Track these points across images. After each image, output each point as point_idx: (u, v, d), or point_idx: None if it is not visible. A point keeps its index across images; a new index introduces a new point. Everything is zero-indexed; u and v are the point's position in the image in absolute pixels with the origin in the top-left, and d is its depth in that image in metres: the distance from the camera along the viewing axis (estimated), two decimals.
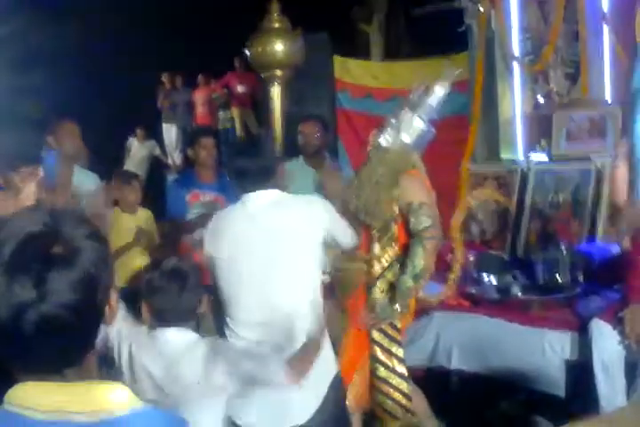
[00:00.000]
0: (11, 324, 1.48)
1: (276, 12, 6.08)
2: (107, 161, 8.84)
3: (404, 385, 4.31)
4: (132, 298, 3.29)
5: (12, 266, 1.49)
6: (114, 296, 1.65)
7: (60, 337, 1.51)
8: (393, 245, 4.35)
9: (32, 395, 1.54)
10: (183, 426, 1.72)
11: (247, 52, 6.25)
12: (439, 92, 4.44)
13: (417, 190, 4.34)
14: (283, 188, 3.72)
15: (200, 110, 15.31)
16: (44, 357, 1.54)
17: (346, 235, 3.85)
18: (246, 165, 3.63)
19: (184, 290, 3.09)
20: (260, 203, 3.57)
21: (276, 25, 6.06)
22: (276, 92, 5.97)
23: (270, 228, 3.48)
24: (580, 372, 4.79)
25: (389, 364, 4.30)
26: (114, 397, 1.59)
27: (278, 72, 6.06)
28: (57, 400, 1.53)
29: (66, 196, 4.66)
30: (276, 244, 3.47)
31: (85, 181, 5.26)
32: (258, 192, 3.57)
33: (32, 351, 1.52)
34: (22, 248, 1.50)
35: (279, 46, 6.00)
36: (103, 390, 1.59)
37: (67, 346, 1.55)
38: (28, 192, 3.58)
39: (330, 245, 3.75)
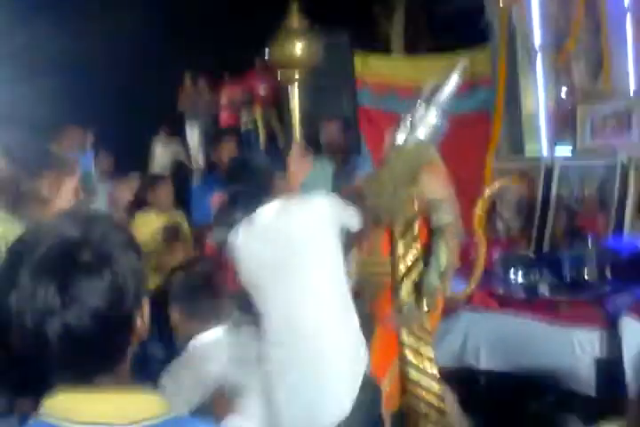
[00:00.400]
0: (35, 330, 1.48)
1: (296, 12, 6.06)
2: (130, 163, 8.83)
3: (435, 387, 4.27)
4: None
5: (39, 271, 1.48)
6: (146, 308, 1.64)
7: (84, 346, 1.50)
8: (416, 243, 4.32)
9: (68, 405, 1.53)
10: None
11: (267, 52, 6.25)
12: (450, 85, 4.40)
13: (436, 187, 4.29)
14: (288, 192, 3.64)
15: (224, 112, 15.31)
16: (72, 365, 1.53)
17: (352, 217, 3.74)
18: (237, 192, 3.56)
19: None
20: (266, 218, 3.51)
21: (295, 25, 6.04)
22: (294, 91, 5.94)
23: (281, 242, 3.42)
24: (611, 370, 4.75)
25: (420, 365, 4.26)
26: (148, 406, 1.59)
27: (297, 72, 6.04)
28: (93, 410, 1.53)
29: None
30: (291, 257, 3.41)
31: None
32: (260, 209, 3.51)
33: (59, 359, 1.52)
34: (51, 253, 1.50)
35: (298, 46, 5.97)
36: (138, 399, 1.59)
37: (92, 355, 1.54)
38: (66, 195, 3.57)
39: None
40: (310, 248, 3.38)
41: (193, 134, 15.45)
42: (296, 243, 3.34)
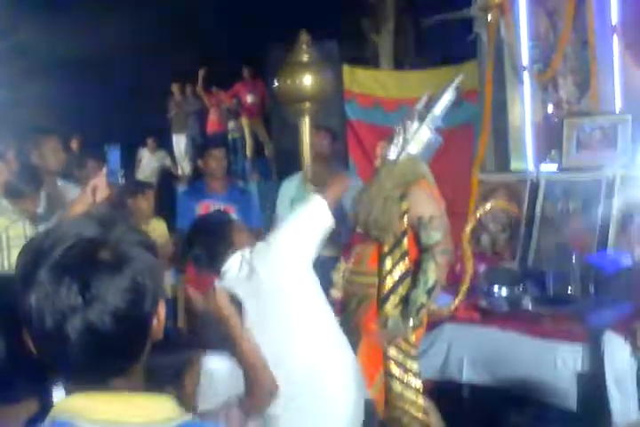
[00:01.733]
0: (56, 329, 1.46)
1: (304, 45, 6.06)
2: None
3: (420, 400, 4.27)
4: None
5: (60, 270, 1.47)
6: (162, 309, 1.62)
7: (104, 345, 1.49)
8: (404, 259, 4.31)
9: (84, 403, 1.52)
10: None
11: (275, 85, 6.24)
12: (444, 99, 4.40)
13: (426, 203, 4.30)
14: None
15: (212, 117, 15.36)
16: (89, 365, 1.51)
17: (320, 229, 3.69)
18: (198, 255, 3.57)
19: None
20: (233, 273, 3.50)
21: (305, 58, 6.04)
22: (305, 124, 5.95)
23: (254, 294, 3.39)
24: (593, 385, 4.75)
25: (404, 379, 4.26)
26: (161, 409, 1.57)
27: (307, 105, 6.04)
28: (107, 411, 1.51)
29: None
30: (266, 306, 3.36)
31: (68, 194, 5.29)
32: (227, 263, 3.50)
33: (76, 359, 1.49)
34: (71, 252, 1.48)
35: (308, 79, 5.96)
36: (151, 401, 1.58)
37: (111, 355, 1.52)
38: (97, 184, 3.57)
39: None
40: (281, 295, 3.34)
41: (180, 142, 15.46)
42: (266, 294, 3.30)
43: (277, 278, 3.37)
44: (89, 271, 1.47)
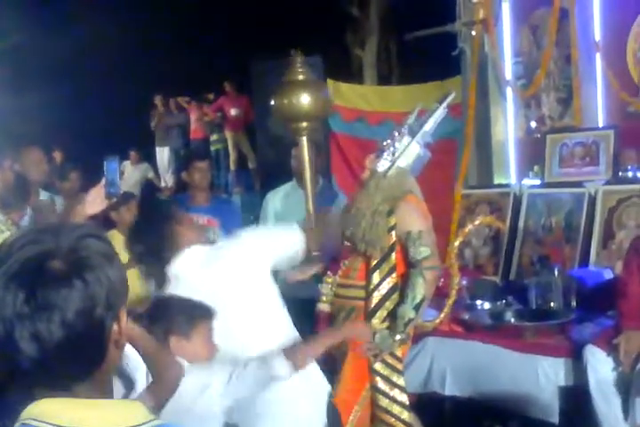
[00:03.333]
0: (6, 338, 1.47)
1: (299, 64, 6.09)
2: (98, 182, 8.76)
3: (405, 414, 4.27)
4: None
5: (9, 279, 1.47)
6: (123, 317, 1.61)
7: (54, 353, 1.48)
8: (392, 273, 4.31)
9: (51, 411, 1.51)
10: None
11: (272, 105, 6.27)
12: (436, 116, 4.43)
13: (415, 218, 4.30)
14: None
15: (194, 127, 15.38)
16: (47, 372, 1.51)
17: (289, 243, 3.64)
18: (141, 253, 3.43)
19: None
20: (185, 264, 3.37)
21: (301, 77, 6.06)
22: (304, 143, 5.97)
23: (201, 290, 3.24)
24: (575, 398, 4.77)
25: (390, 393, 4.26)
26: (131, 413, 1.57)
27: (305, 124, 6.06)
28: (77, 416, 1.51)
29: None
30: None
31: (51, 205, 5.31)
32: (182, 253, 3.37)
33: (29, 366, 1.50)
34: (21, 262, 1.49)
35: (305, 98, 5.98)
36: (121, 406, 1.60)
37: (64, 363, 1.51)
38: (91, 200, 3.55)
39: (288, 261, 3.62)
40: (231, 297, 3.25)
41: (163, 155, 15.46)
42: (218, 294, 3.20)
43: (231, 279, 3.28)
44: (36, 280, 1.47)
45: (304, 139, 5.97)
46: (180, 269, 3.20)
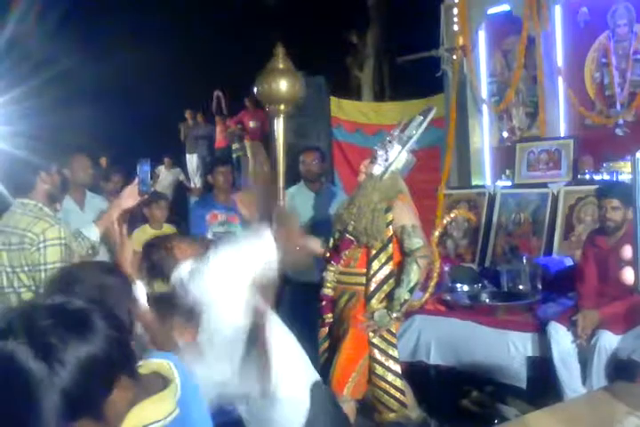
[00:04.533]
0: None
1: (280, 54, 6.07)
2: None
3: (398, 382, 4.27)
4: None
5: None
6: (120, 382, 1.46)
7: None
8: (389, 262, 4.31)
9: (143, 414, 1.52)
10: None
11: (255, 89, 6.24)
12: (422, 128, 4.42)
13: (409, 214, 4.32)
14: None
15: (219, 138, 15.43)
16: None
17: (272, 247, 3.24)
18: None
19: None
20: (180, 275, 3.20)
21: (281, 65, 6.02)
22: (280, 123, 5.93)
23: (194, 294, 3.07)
24: (540, 367, 4.76)
25: (386, 363, 4.25)
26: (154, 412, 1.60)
27: (282, 106, 5.99)
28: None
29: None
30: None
31: (96, 202, 5.33)
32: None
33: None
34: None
35: (283, 84, 5.94)
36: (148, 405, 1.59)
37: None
38: (126, 196, 3.63)
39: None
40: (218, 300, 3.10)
41: (192, 161, 15.49)
42: (208, 297, 3.05)
43: (217, 285, 3.16)
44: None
45: (281, 119, 5.97)
46: (178, 278, 3.12)
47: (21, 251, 3.43)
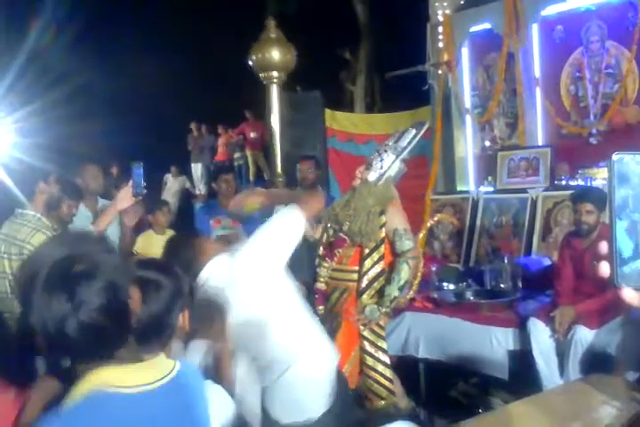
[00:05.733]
0: (56, 333, 1.50)
1: (272, 26, 6.06)
2: (148, 193, 8.75)
3: (387, 372, 4.27)
4: None
5: (47, 287, 1.51)
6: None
7: (100, 333, 1.53)
8: (381, 261, 4.32)
9: (114, 377, 1.56)
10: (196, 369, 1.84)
11: (250, 59, 6.22)
12: (414, 141, 4.43)
13: (401, 219, 4.33)
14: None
15: (220, 150, 15.45)
16: (91, 349, 1.56)
17: (293, 233, 3.19)
18: None
19: None
20: (208, 273, 3.11)
21: (273, 35, 6.03)
22: (273, 91, 5.89)
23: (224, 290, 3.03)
24: (521, 360, 4.76)
25: (375, 354, 4.26)
26: (157, 369, 1.68)
27: (275, 74, 5.99)
28: (133, 377, 1.60)
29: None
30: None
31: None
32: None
33: (80, 348, 1.54)
34: (53, 272, 1.53)
35: (275, 53, 5.94)
36: (148, 366, 1.67)
37: (109, 337, 1.57)
38: (121, 198, 3.58)
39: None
40: (257, 295, 3.01)
41: (197, 170, 15.51)
42: (245, 294, 2.97)
43: (253, 280, 3.11)
44: (70, 283, 1.51)
45: (274, 86, 5.94)
46: (205, 277, 3.07)
47: (21, 261, 3.32)
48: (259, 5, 15.97)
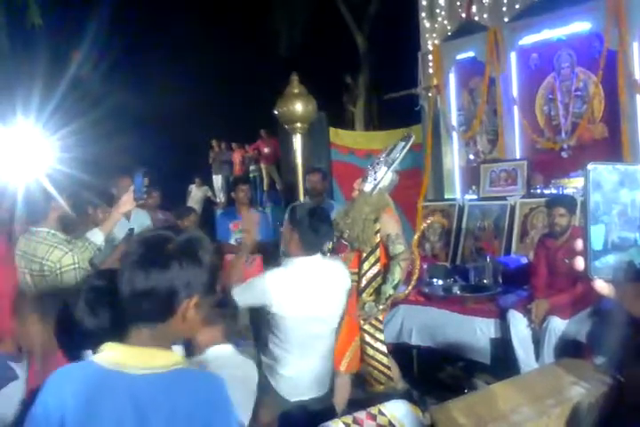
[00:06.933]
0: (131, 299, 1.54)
1: (295, 81, 6.08)
2: (172, 199, 8.77)
3: (385, 360, 4.27)
4: None
5: (134, 261, 1.53)
6: (194, 300, 1.61)
7: (138, 305, 1.54)
8: (377, 263, 4.31)
9: (120, 357, 1.52)
10: (218, 383, 1.60)
11: (275, 111, 6.23)
12: (404, 153, 4.43)
13: (393, 225, 4.32)
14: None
15: (237, 165, 15.50)
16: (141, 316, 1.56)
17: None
18: None
19: None
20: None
21: (296, 90, 6.03)
22: (297, 139, 5.92)
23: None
24: (501, 346, 4.76)
25: (375, 345, 4.26)
26: (166, 359, 1.56)
27: (299, 124, 6.02)
28: (121, 360, 1.53)
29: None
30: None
31: (140, 215, 5.37)
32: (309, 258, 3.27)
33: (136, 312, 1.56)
34: (145, 244, 1.55)
35: (299, 106, 5.95)
36: (159, 354, 1.56)
37: (143, 311, 1.55)
38: (123, 202, 3.58)
39: None
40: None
41: (217, 181, 15.56)
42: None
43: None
44: (152, 260, 1.52)
45: (298, 135, 5.93)
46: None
47: (42, 277, 3.23)
48: (271, 39, 16.10)
